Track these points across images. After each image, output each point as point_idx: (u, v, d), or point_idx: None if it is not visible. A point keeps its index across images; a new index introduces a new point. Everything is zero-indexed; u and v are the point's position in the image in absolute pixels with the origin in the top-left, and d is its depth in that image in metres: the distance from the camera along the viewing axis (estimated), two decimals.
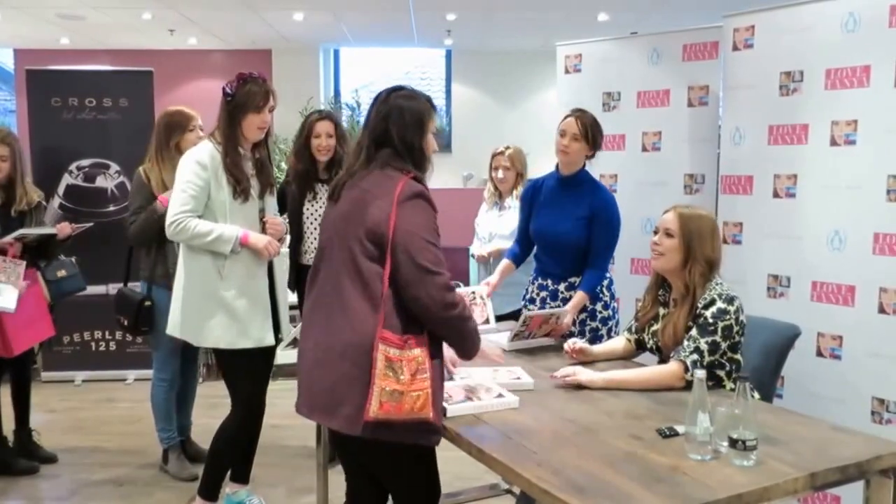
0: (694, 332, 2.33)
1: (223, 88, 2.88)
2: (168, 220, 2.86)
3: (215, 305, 2.89)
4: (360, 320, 1.96)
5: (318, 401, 2.04)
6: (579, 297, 3.08)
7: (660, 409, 2.11)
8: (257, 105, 2.88)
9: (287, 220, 3.66)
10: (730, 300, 2.33)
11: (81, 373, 5.24)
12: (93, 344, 5.25)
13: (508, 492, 3.36)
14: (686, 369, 2.28)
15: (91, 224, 4.20)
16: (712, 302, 2.33)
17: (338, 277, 2.03)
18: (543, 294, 3.23)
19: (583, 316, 3.15)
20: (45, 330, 3.78)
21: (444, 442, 2.04)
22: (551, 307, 3.18)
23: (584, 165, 3.17)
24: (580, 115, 3.11)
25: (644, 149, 4.14)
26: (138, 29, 7.27)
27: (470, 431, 1.97)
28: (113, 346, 5.27)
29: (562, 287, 3.17)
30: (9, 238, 3.53)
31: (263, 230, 3.02)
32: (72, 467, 3.77)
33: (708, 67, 3.89)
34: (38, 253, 3.73)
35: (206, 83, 8.32)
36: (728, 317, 2.31)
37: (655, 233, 2.50)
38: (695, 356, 2.29)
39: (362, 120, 2.63)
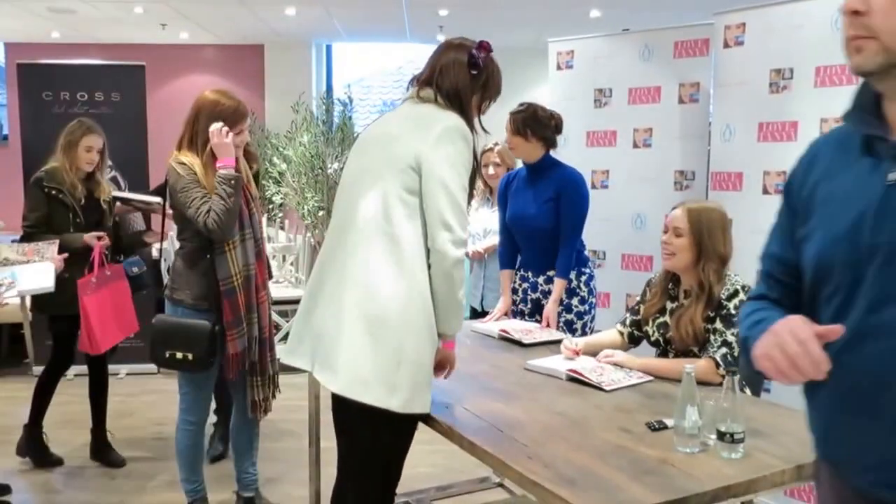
0: (718, 324, 2.32)
1: (471, 54, 2.13)
2: (455, 238, 1.95)
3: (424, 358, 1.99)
4: None
5: None
6: (558, 285, 3.13)
7: (649, 403, 2.14)
8: (498, 90, 2.20)
9: None
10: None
11: (73, 367, 5.20)
12: None
13: (500, 485, 3.38)
14: (717, 365, 2.25)
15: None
16: (735, 293, 2.33)
17: None
18: (525, 285, 3.29)
19: (559, 308, 3.17)
20: (130, 326, 3.68)
21: (435, 435, 2.06)
22: (532, 298, 3.26)
23: (546, 152, 3.24)
24: (514, 112, 3.25)
25: (635, 145, 4.16)
26: (130, 23, 7.23)
27: (461, 424, 1.99)
28: None
29: (541, 280, 3.24)
30: (121, 195, 3.66)
31: None
32: (64, 460, 3.77)
33: (699, 64, 3.91)
34: (117, 248, 3.73)
35: (199, 78, 8.28)
36: None
37: (665, 231, 2.46)
38: (724, 350, 2.28)
39: (354, 115, 2.51)
